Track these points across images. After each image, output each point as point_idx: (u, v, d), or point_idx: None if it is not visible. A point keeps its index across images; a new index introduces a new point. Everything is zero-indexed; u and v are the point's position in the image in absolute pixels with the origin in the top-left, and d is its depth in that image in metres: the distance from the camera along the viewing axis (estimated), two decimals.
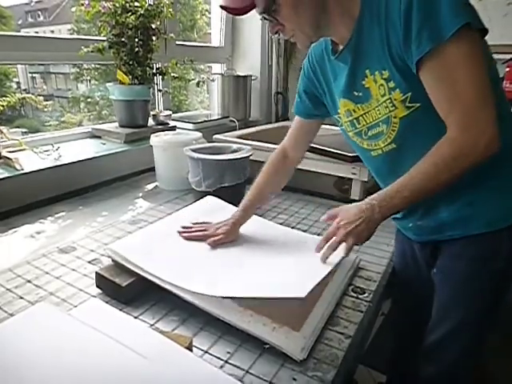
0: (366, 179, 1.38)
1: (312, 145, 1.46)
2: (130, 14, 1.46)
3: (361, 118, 0.85)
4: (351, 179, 1.41)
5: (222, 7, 0.78)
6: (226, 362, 0.64)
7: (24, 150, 1.30)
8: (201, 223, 0.99)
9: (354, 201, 1.38)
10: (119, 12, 1.45)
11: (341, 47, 0.81)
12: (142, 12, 1.47)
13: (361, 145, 0.89)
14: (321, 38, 0.85)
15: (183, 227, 0.97)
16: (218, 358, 0.65)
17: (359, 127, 0.86)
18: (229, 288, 0.75)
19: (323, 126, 1.03)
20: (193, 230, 0.96)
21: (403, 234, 0.96)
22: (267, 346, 0.66)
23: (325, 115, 0.99)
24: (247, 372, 0.62)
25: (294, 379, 0.61)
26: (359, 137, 0.88)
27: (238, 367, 0.63)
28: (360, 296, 0.83)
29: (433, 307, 0.88)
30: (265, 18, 0.78)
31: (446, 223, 0.82)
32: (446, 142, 0.69)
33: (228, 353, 0.66)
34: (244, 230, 0.99)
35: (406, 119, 0.76)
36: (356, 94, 0.82)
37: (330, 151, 1.44)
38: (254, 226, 1.06)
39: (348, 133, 0.92)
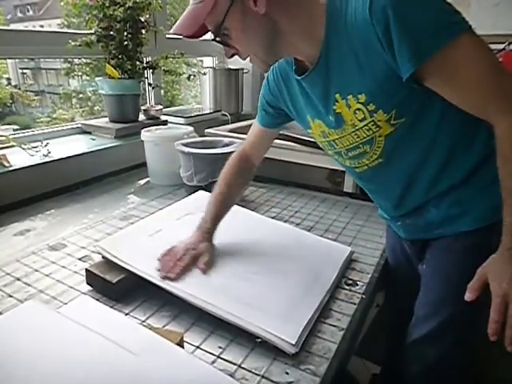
0: None
1: (305, 138, 1.46)
2: (118, 6, 1.43)
3: (337, 140, 0.81)
4: (344, 172, 1.41)
5: (175, 34, 0.73)
6: (218, 357, 0.64)
7: (12, 146, 1.29)
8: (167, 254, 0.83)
9: (347, 194, 1.39)
10: (107, 4, 1.43)
11: (307, 64, 0.76)
12: (130, 4, 1.44)
13: (343, 163, 0.86)
14: (281, 59, 0.81)
15: (158, 269, 0.78)
16: (210, 353, 0.64)
17: (337, 148, 0.83)
18: (215, 296, 0.72)
19: None
20: (168, 266, 0.78)
21: (393, 230, 0.95)
22: (259, 340, 0.65)
23: (291, 121, 0.95)
24: (239, 366, 0.62)
25: (287, 373, 0.61)
26: (339, 156, 0.84)
27: (230, 362, 0.63)
28: (353, 288, 0.83)
29: (416, 303, 0.86)
30: (217, 42, 0.74)
31: (434, 222, 0.80)
32: (503, 137, 0.64)
33: (220, 348, 0.65)
34: (234, 225, 0.98)
35: (391, 135, 0.73)
36: (330, 118, 0.77)
37: None
38: (245, 220, 1.05)
39: (327, 151, 0.88)
